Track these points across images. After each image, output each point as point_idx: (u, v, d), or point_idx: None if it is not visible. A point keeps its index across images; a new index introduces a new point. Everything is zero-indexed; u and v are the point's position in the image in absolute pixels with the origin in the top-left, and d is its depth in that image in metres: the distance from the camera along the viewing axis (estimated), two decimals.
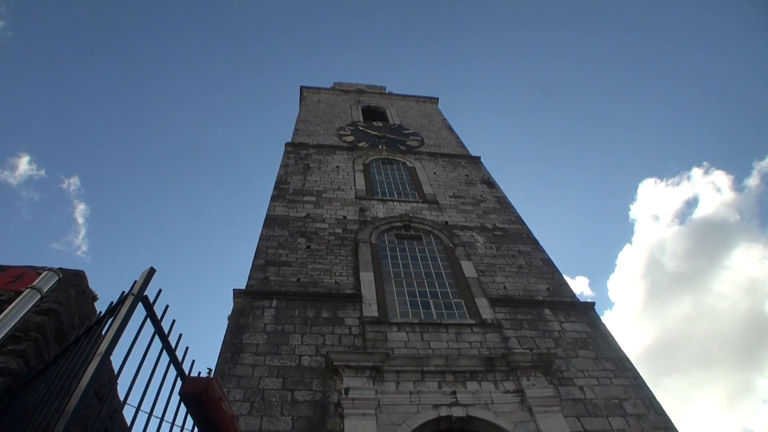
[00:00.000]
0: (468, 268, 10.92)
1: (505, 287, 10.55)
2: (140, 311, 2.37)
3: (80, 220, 55.19)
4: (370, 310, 9.24)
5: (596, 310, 10.16)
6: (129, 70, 60.39)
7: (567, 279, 11.27)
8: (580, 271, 63.81)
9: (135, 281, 2.17)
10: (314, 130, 19.38)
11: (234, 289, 9.27)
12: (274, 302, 9.21)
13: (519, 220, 13.52)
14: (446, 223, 12.91)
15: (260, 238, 11.26)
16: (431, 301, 9.85)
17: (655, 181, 64.00)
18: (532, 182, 60.17)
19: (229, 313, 8.85)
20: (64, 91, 55.47)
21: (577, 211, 58.73)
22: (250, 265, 10.23)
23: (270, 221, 12.02)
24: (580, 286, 60.11)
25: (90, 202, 55.53)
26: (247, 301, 9.16)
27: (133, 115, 58.55)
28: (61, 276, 2.55)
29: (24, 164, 51.63)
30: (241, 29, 70.57)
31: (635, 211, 63.70)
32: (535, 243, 12.43)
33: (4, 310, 2.45)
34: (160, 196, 54.52)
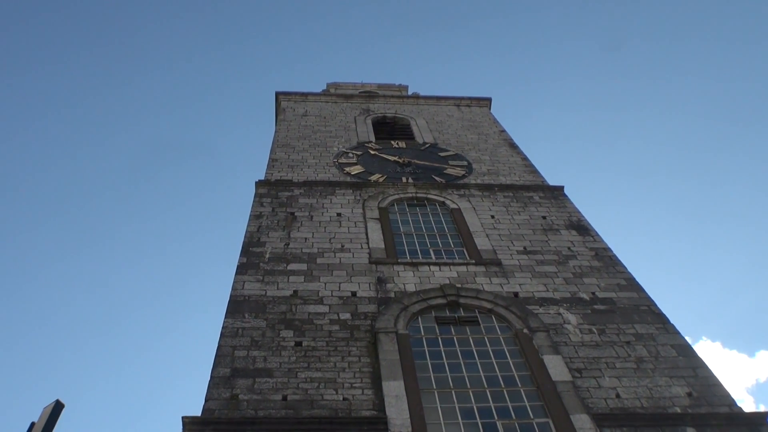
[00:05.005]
0: (555, 367, 10.83)
1: (617, 395, 10.42)
2: None
3: None
4: None
5: None
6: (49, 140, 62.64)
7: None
8: (759, 343, 61.36)
9: (32, 423, 2.20)
10: (300, 159, 19.75)
11: (183, 418, 9.23)
12: None
13: (632, 284, 13.49)
14: (516, 294, 12.89)
15: (222, 334, 11.30)
16: (499, 424, 9.72)
17: None
18: (649, 220, 59.54)
19: None
20: None
21: (740, 248, 56.77)
22: (209, 378, 10.25)
23: (236, 306, 12.11)
24: (763, 368, 57.49)
25: None
26: None
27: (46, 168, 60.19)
28: None
29: None
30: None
31: None
32: (662, 319, 12.38)
33: None
34: (78, 286, 55.08)
